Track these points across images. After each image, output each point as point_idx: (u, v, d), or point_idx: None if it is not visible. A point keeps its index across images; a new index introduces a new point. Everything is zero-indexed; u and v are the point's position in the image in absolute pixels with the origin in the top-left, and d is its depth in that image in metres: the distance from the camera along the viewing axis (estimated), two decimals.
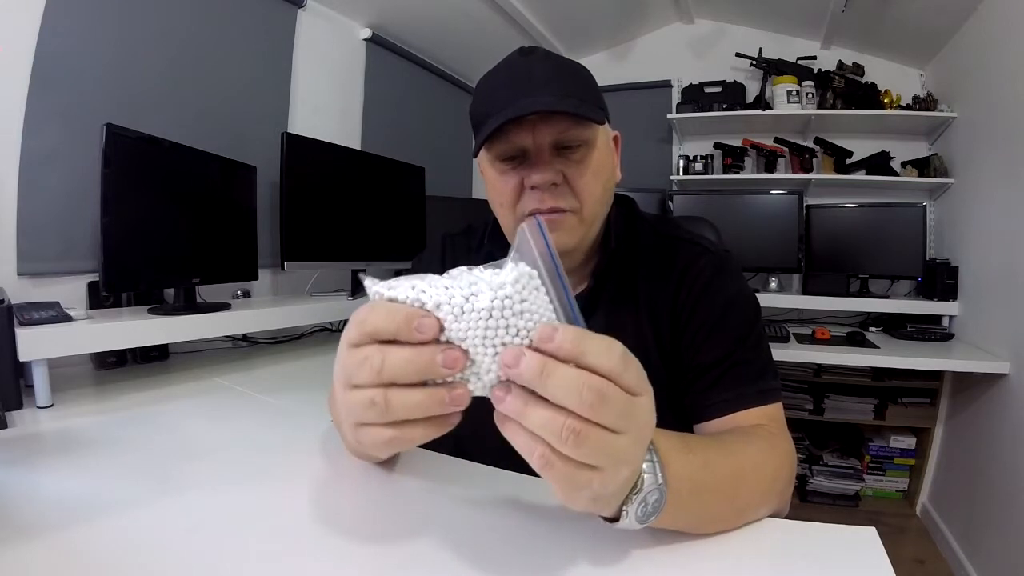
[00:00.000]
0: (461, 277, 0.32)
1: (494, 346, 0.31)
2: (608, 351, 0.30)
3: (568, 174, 0.58)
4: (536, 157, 0.58)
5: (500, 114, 0.55)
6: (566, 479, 0.31)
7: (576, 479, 0.31)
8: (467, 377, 0.32)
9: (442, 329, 0.31)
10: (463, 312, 0.31)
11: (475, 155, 0.60)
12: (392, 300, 0.32)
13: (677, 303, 0.65)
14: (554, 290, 0.32)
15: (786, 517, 0.51)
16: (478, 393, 0.32)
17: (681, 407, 0.63)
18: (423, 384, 0.32)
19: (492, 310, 0.30)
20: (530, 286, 0.31)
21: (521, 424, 0.30)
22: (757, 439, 0.53)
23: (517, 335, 0.31)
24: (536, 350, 0.30)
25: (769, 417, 0.58)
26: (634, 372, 0.32)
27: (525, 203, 0.59)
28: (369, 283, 0.33)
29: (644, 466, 0.37)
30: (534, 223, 0.32)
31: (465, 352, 0.31)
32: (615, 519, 0.38)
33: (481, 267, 0.33)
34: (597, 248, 0.68)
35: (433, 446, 0.67)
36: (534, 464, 0.31)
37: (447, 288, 0.31)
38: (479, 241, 0.75)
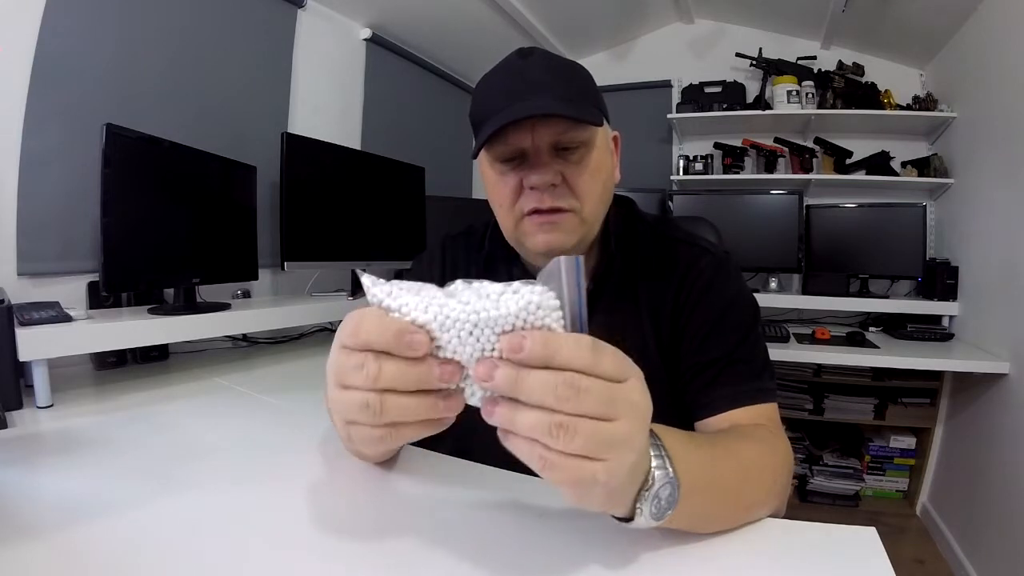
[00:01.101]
0: (464, 292, 0.31)
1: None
2: (576, 346, 0.30)
3: (567, 174, 0.59)
4: (535, 158, 0.58)
5: (498, 117, 0.55)
6: (572, 477, 0.31)
7: (581, 475, 0.31)
8: (463, 387, 0.32)
9: (434, 339, 0.31)
10: (470, 334, 0.30)
11: (474, 157, 0.60)
12: (388, 309, 0.31)
13: (677, 304, 0.65)
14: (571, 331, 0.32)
15: (786, 517, 0.51)
16: (473, 402, 0.33)
17: (682, 406, 0.63)
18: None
19: (505, 327, 0.30)
20: (550, 313, 0.31)
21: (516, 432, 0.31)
22: (757, 439, 0.53)
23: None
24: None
25: (766, 417, 0.58)
26: (609, 360, 0.31)
27: (524, 202, 0.59)
28: (369, 283, 0.32)
29: (654, 462, 0.37)
30: (572, 262, 0.31)
31: (461, 365, 0.31)
32: (629, 519, 0.38)
33: (481, 281, 0.32)
34: (596, 249, 0.68)
35: (433, 446, 0.67)
36: (537, 469, 0.31)
37: (445, 305, 0.31)
38: (479, 242, 0.75)
